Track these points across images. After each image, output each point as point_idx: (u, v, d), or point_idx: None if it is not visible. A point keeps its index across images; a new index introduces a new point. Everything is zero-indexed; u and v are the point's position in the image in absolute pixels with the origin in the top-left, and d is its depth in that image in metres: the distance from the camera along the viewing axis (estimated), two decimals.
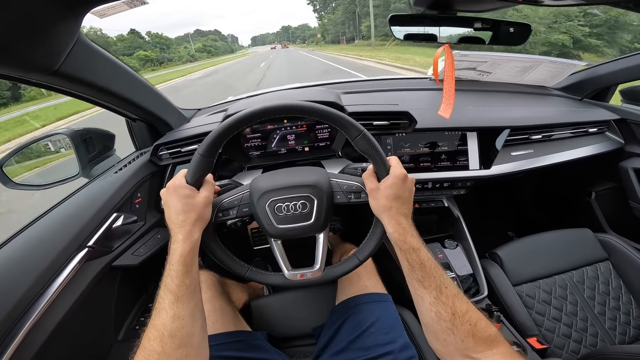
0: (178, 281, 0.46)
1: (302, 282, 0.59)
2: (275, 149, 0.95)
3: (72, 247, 0.65)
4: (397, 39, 0.81)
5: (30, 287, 0.57)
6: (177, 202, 0.50)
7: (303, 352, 0.76)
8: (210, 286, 0.78)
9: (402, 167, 0.54)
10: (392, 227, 0.51)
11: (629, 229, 1.16)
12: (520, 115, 1.07)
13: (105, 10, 0.50)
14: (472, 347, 0.43)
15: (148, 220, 0.87)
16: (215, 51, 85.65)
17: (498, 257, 0.99)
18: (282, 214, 0.56)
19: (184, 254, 0.47)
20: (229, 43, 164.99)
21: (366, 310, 0.71)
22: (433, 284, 0.47)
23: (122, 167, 0.85)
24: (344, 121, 0.53)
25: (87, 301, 0.68)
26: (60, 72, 0.55)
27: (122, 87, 0.74)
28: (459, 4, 0.70)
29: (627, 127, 1.14)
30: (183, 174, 0.53)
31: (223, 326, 0.70)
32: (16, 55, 0.46)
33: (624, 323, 0.88)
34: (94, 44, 0.62)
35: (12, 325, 0.53)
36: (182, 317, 0.44)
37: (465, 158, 0.99)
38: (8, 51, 0.44)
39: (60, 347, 0.64)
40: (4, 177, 0.80)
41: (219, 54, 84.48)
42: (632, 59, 1.07)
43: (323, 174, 0.60)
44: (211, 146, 0.52)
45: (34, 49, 0.47)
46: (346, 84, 1.31)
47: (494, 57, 1.16)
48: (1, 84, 18.32)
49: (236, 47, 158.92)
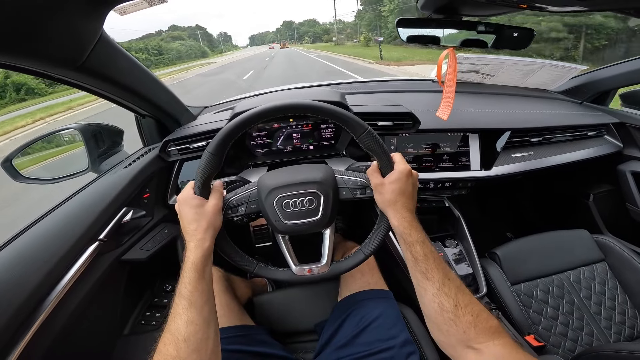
0: (191, 287, 0.47)
1: (310, 277, 0.60)
2: (281, 148, 0.96)
3: (84, 240, 0.66)
4: (402, 40, 0.82)
5: (43, 280, 0.58)
6: (188, 212, 0.52)
7: (305, 347, 0.78)
8: (216, 281, 0.79)
9: (406, 163, 0.56)
10: (397, 220, 0.53)
11: (625, 231, 1.17)
12: (521, 117, 1.08)
13: (127, 7, 0.52)
14: (473, 337, 0.44)
15: (156, 215, 0.88)
16: (168, 55, 50.41)
17: (497, 257, 1.01)
18: (289, 210, 0.58)
19: (195, 261, 0.49)
20: (221, 42, 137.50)
21: (369, 306, 0.72)
22: (436, 276, 0.48)
23: (131, 162, 0.87)
24: (349, 119, 0.55)
25: (97, 294, 0.70)
26: (83, 67, 0.56)
27: (138, 84, 0.76)
28: (464, 8, 0.72)
29: (626, 131, 1.16)
30: (191, 186, 0.55)
31: (228, 320, 0.72)
32: (43, 50, 0.48)
33: (619, 323, 0.90)
34: (115, 42, 0.63)
35: (28, 315, 0.54)
36: (195, 323, 0.45)
37: (466, 159, 1.00)
38: (34, 45, 0.46)
39: (71, 339, 0.65)
40: (13, 171, 0.81)
41: (181, 58, 53.60)
42: (632, 64, 1.09)
43: (329, 170, 0.62)
44: (221, 144, 0.53)
45: (61, 44, 0.49)
46: (349, 84, 1.33)
47: (497, 61, 1.17)
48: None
49: (224, 48, 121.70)
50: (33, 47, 0.46)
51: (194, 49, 68.27)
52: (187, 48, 63.53)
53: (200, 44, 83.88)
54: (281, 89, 1.24)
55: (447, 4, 0.70)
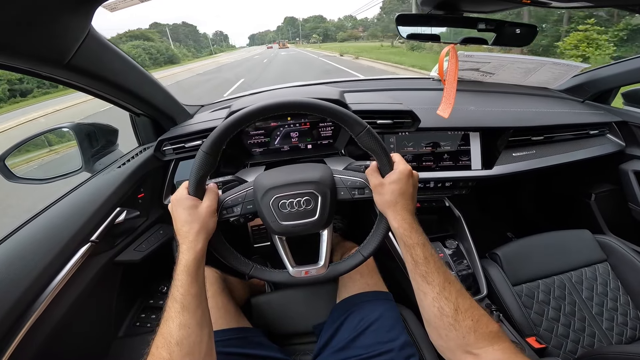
0: (183, 290, 0.46)
1: (307, 279, 0.59)
2: (278, 146, 0.95)
3: (75, 242, 0.65)
4: (402, 37, 0.81)
5: (33, 281, 0.57)
6: (181, 213, 0.51)
7: (303, 350, 0.77)
8: (213, 283, 0.78)
9: (406, 163, 0.55)
10: (397, 222, 0.52)
11: (628, 231, 1.17)
12: (523, 116, 1.07)
13: (116, 4, 0.50)
14: (473, 342, 0.43)
15: (150, 216, 0.87)
16: None
17: (498, 257, 1.00)
18: (286, 210, 0.56)
19: (187, 264, 0.48)
20: (210, 42, 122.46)
21: (368, 308, 0.71)
22: (436, 280, 0.47)
23: (126, 161, 0.85)
24: (348, 117, 0.53)
25: (89, 296, 0.69)
26: (71, 65, 0.55)
27: (130, 82, 0.75)
28: (465, 4, 0.70)
29: (628, 130, 1.15)
30: (185, 186, 0.53)
31: (225, 322, 0.71)
32: (28, 47, 0.46)
33: (621, 324, 0.89)
34: (104, 39, 0.62)
35: (16, 318, 0.53)
36: (188, 326, 0.45)
37: (467, 158, 0.99)
38: (21, 42, 0.44)
39: (62, 341, 0.64)
40: (6, 171, 0.80)
41: None
42: (635, 62, 1.08)
43: (326, 170, 0.60)
44: (215, 143, 0.52)
45: (46, 41, 0.47)
46: (348, 82, 1.31)
47: (498, 59, 1.16)
48: None
49: (214, 49, 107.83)
50: (18, 44, 0.44)
51: (154, 53, 47.02)
52: (140, 52, 43.40)
53: (170, 46, 63.47)
54: (280, 87, 1.23)
55: (447, 0, 0.68)
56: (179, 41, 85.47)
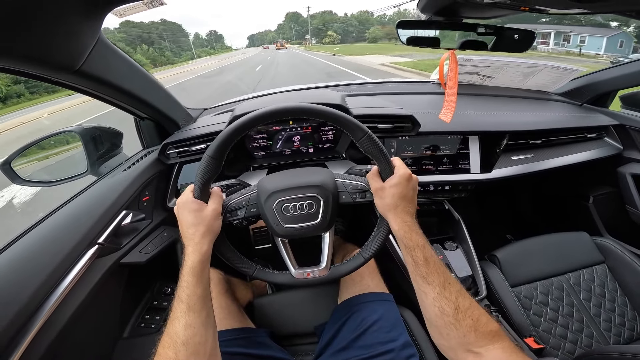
0: (189, 291, 0.48)
1: (309, 281, 0.60)
2: (280, 150, 0.96)
3: (83, 244, 0.66)
4: (402, 42, 0.82)
5: (42, 284, 0.58)
6: (187, 216, 0.52)
7: (305, 350, 0.78)
8: (217, 284, 0.80)
9: (406, 167, 0.56)
10: (397, 225, 0.53)
11: (625, 233, 1.18)
12: (521, 120, 1.08)
13: (125, 10, 0.52)
14: (474, 341, 0.44)
15: (155, 218, 0.88)
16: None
17: (497, 259, 1.01)
18: (289, 214, 0.58)
19: (193, 265, 0.49)
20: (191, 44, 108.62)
21: (369, 308, 0.72)
22: (437, 280, 0.48)
23: (131, 165, 0.86)
24: (349, 123, 0.55)
25: (96, 298, 0.70)
26: (81, 71, 0.56)
27: (137, 87, 0.76)
28: (464, 10, 0.71)
29: (626, 133, 1.16)
30: (190, 190, 0.55)
31: (228, 323, 0.72)
32: (42, 52, 0.47)
33: (619, 325, 0.90)
34: (112, 44, 0.63)
35: (27, 319, 0.54)
36: (193, 326, 0.46)
37: (466, 161, 1.00)
38: (35, 47, 0.46)
39: (69, 343, 0.65)
40: (12, 174, 0.81)
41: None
42: (633, 65, 1.09)
43: (329, 174, 0.62)
44: (220, 148, 0.53)
45: (59, 48, 0.48)
46: (350, 86, 1.32)
47: (497, 62, 1.17)
48: None
49: (197, 52, 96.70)
50: (30, 51, 0.46)
51: None
52: None
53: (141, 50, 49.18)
54: (282, 90, 1.24)
55: (447, 6, 0.70)
56: (150, 43, 72.86)
